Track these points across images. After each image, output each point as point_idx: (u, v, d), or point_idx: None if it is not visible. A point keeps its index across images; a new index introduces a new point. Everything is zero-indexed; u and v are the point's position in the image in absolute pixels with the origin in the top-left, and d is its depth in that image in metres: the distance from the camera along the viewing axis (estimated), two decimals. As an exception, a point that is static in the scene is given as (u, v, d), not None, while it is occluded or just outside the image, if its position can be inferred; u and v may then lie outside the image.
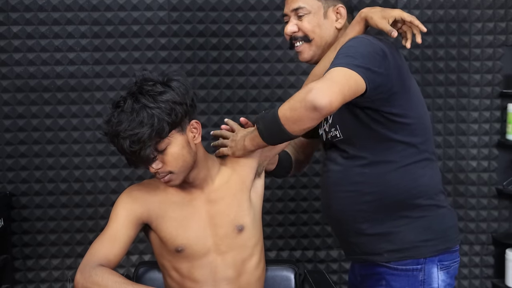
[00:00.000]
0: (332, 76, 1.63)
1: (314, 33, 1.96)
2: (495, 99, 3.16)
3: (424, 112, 1.91)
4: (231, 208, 1.92)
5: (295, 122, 1.65)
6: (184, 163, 1.81)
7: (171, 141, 1.77)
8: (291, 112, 1.64)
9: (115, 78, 3.02)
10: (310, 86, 1.61)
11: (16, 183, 3.05)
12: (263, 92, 3.10)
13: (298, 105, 1.62)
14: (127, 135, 1.70)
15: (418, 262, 1.85)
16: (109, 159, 3.06)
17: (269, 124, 1.72)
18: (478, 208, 3.20)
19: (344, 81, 1.62)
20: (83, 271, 1.76)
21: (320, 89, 1.59)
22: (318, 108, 1.58)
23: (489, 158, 3.18)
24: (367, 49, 1.72)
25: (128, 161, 1.80)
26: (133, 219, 1.87)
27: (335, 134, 1.90)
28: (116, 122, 1.72)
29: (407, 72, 1.86)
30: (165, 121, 1.72)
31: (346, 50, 1.73)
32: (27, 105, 3.00)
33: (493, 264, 3.22)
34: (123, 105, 1.74)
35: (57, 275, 3.12)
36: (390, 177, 1.83)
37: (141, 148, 1.71)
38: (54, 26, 2.97)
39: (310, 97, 1.58)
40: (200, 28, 3.03)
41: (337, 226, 2.00)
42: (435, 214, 1.87)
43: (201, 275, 1.89)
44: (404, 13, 1.79)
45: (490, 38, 3.12)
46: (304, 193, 3.17)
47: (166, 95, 1.74)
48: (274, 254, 3.20)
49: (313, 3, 1.96)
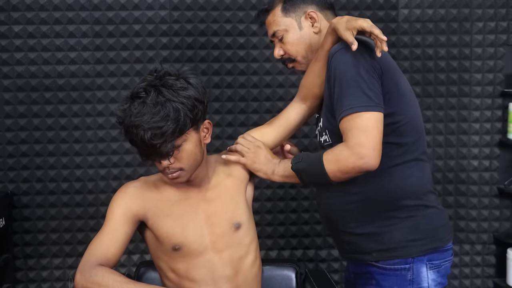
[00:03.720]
0: (368, 133, 1.73)
1: (297, 52, 2.02)
2: (497, 99, 3.15)
3: (415, 111, 1.91)
4: (228, 206, 1.92)
5: (346, 178, 1.80)
6: (194, 162, 1.82)
7: (187, 138, 1.76)
8: (343, 175, 1.78)
9: (116, 78, 3.02)
10: (356, 152, 1.72)
11: (17, 183, 3.05)
12: (264, 91, 3.10)
13: (351, 170, 1.76)
14: (150, 126, 1.68)
15: (406, 261, 1.86)
16: (111, 158, 3.06)
17: (314, 177, 1.85)
18: (480, 208, 3.19)
19: (376, 131, 1.74)
20: (82, 272, 1.74)
21: (369, 156, 1.72)
22: (370, 171, 1.75)
23: (490, 157, 3.18)
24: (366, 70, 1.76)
25: (141, 153, 1.78)
26: (130, 216, 1.85)
27: (325, 138, 1.93)
28: (136, 112, 1.69)
29: (395, 70, 1.87)
30: (188, 117, 1.72)
31: (351, 83, 1.76)
32: (29, 104, 3.00)
33: (494, 263, 3.22)
34: (145, 96, 1.71)
35: (59, 274, 3.12)
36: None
37: (162, 142, 1.70)
38: (56, 25, 2.97)
39: (363, 165, 1.73)
40: (201, 27, 3.03)
41: (327, 225, 2.04)
42: (423, 214, 1.88)
43: (199, 274, 1.88)
44: (365, 23, 1.77)
45: (492, 37, 3.12)
46: (305, 192, 3.17)
47: (188, 91, 1.74)
48: (275, 254, 3.20)
49: (284, 21, 2.01)
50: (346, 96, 1.75)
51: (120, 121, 1.75)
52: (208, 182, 1.94)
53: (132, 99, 1.73)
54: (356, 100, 1.74)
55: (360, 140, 1.72)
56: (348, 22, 1.80)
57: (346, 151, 1.74)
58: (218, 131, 3.08)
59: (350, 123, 1.74)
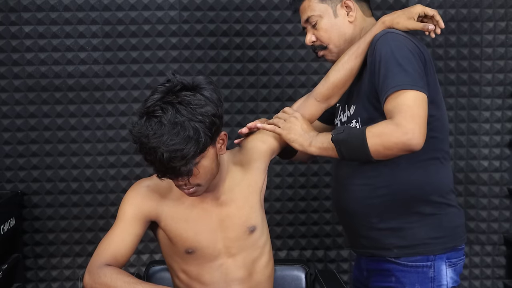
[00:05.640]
0: (414, 111, 1.70)
1: (330, 39, 2.00)
2: (507, 99, 3.14)
3: (444, 107, 1.93)
4: (243, 210, 1.88)
5: (387, 156, 1.77)
6: (211, 176, 1.76)
7: (205, 155, 1.68)
8: (385, 150, 1.74)
9: (126, 78, 3.03)
10: (402, 128, 1.69)
11: (27, 182, 3.06)
12: (274, 91, 3.09)
13: (394, 146, 1.72)
14: (170, 149, 1.59)
15: (428, 259, 1.86)
16: (120, 158, 3.07)
17: (355, 151, 1.79)
18: (490, 208, 3.18)
19: (422, 110, 1.72)
20: (91, 272, 1.73)
21: (414, 133, 1.69)
22: (414, 150, 1.72)
23: (500, 158, 3.16)
24: (413, 54, 1.78)
25: (157, 171, 1.69)
26: (141, 217, 1.82)
27: (355, 126, 1.91)
28: (153, 133, 1.59)
29: (434, 65, 1.89)
30: (208, 136, 1.64)
31: (398, 63, 1.76)
32: (39, 104, 3.01)
33: (504, 264, 3.20)
34: (161, 114, 1.61)
35: (68, 274, 3.13)
36: (405, 172, 1.84)
37: (183, 165, 1.63)
38: (66, 25, 2.98)
39: (408, 142, 1.69)
40: (210, 27, 3.03)
41: (347, 219, 2.01)
42: (446, 212, 1.89)
43: (211, 278, 1.86)
44: (425, 8, 1.85)
45: (502, 37, 3.10)
46: (314, 192, 3.17)
47: (207, 107, 1.64)
48: (284, 254, 3.20)
49: (320, 7, 2.00)
50: (393, 76, 1.74)
51: (135, 140, 1.65)
52: (222, 185, 1.87)
53: (148, 116, 1.63)
54: (403, 78, 1.73)
55: (406, 116, 1.70)
56: (407, 12, 1.85)
57: (391, 126, 1.71)
58: (228, 131, 3.06)
59: (396, 100, 1.72)
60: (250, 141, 1.98)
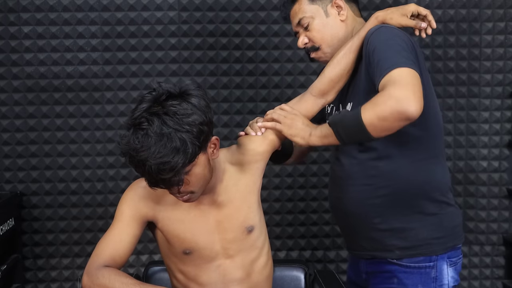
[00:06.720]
0: (407, 81, 1.66)
1: (322, 39, 2.00)
2: (506, 99, 3.14)
3: (438, 106, 1.93)
4: (240, 211, 1.86)
5: (384, 130, 1.69)
6: (204, 182, 1.74)
7: (196, 162, 1.66)
8: (380, 122, 1.67)
9: (125, 78, 3.03)
10: (394, 95, 1.64)
11: (26, 183, 3.06)
12: (273, 92, 3.10)
13: (389, 116, 1.65)
14: (158, 162, 1.57)
15: (430, 259, 1.86)
16: (119, 159, 3.07)
17: (351, 130, 1.74)
18: (489, 209, 3.18)
19: (416, 81, 1.67)
20: (89, 273, 1.72)
21: (408, 98, 1.63)
22: (410, 117, 1.64)
23: (499, 158, 3.16)
24: (406, 44, 1.78)
25: (150, 183, 1.67)
26: (139, 217, 1.81)
27: None
28: (140, 146, 1.57)
29: (424, 62, 1.89)
30: (196, 145, 1.61)
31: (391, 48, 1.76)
32: (38, 105, 3.01)
33: (504, 265, 3.21)
34: (147, 127, 1.58)
35: (67, 274, 3.13)
36: (405, 171, 1.83)
37: (172, 176, 1.61)
38: (65, 26, 2.98)
39: (402, 108, 1.62)
40: (210, 28, 3.03)
41: (346, 221, 1.99)
42: (446, 212, 1.89)
43: (208, 279, 1.85)
44: (419, 7, 1.87)
45: (501, 38, 3.10)
46: (314, 193, 3.17)
47: (193, 116, 1.61)
48: (283, 254, 3.20)
49: (311, 8, 2.00)
50: (385, 59, 1.73)
51: (124, 153, 1.62)
52: (219, 185, 1.85)
53: (134, 129, 1.61)
54: (396, 60, 1.71)
55: (399, 85, 1.66)
56: (400, 9, 1.86)
57: (383, 96, 1.67)
58: (227, 132, 3.09)
59: (387, 78, 1.69)
60: (250, 141, 1.97)
